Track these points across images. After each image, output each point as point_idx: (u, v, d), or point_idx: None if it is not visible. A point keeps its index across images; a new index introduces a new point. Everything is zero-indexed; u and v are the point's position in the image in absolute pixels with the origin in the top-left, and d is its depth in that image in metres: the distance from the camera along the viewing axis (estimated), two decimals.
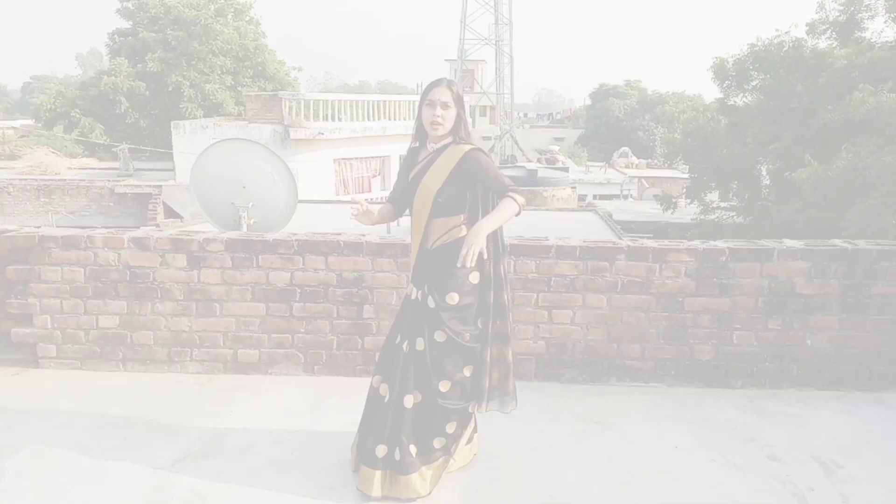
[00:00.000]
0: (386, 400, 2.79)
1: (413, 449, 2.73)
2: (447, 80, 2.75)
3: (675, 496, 2.82)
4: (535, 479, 2.93)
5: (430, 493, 2.75)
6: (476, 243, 2.56)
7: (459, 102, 2.73)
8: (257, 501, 2.74)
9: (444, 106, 2.68)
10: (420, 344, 2.74)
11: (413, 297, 2.83)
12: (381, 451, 2.73)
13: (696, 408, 3.65)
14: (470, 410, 2.85)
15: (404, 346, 2.78)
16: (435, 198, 2.72)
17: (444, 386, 2.73)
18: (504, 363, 2.85)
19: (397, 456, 2.71)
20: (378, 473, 2.73)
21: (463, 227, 2.75)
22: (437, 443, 2.78)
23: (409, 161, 2.90)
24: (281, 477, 2.91)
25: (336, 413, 3.51)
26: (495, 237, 2.76)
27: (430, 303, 2.73)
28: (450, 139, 2.76)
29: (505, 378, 2.87)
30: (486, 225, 2.61)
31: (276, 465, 3.00)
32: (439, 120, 2.68)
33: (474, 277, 2.73)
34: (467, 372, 2.78)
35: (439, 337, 2.71)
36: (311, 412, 3.54)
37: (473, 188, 2.75)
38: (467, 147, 2.71)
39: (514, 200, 2.65)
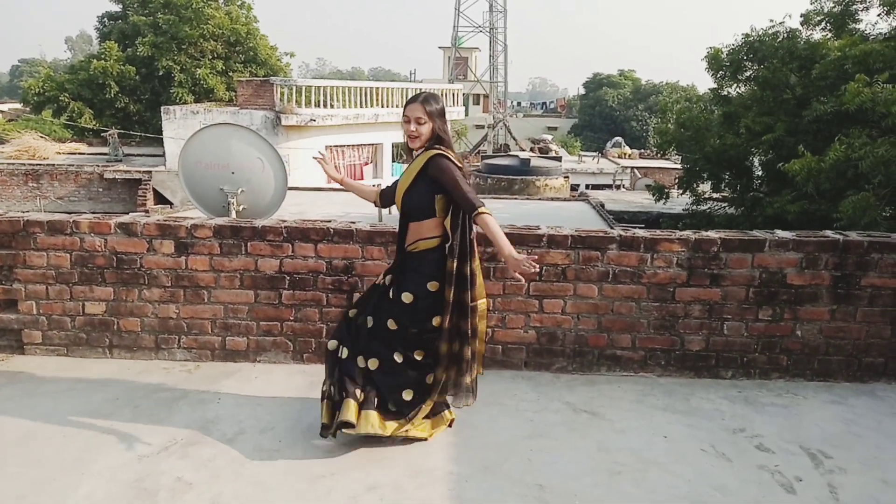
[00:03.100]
0: (344, 357, 2.99)
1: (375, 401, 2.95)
2: (424, 96, 2.91)
3: (665, 486, 2.82)
4: (524, 468, 2.92)
5: (375, 434, 2.91)
6: (519, 263, 2.66)
7: (436, 115, 2.87)
8: (244, 490, 2.72)
9: (419, 122, 2.85)
10: (370, 322, 2.98)
11: (379, 281, 3.10)
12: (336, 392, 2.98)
13: (686, 398, 3.65)
14: (428, 381, 3.00)
15: (358, 319, 3.03)
16: (402, 200, 2.95)
17: (398, 357, 2.96)
18: (460, 360, 2.96)
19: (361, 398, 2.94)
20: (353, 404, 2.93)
21: (426, 241, 2.91)
22: (392, 405, 2.98)
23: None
24: (269, 465, 2.89)
25: None
26: (463, 238, 2.90)
27: (391, 294, 2.97)
28: (424, 147, 2.93)
29: (461, 374, 2.98)
30: (507, 248, 2.72)
31: (263, 454, 2.98)
32: (414, 133, 2.87)
33: (432, 286, 2.91)
34: (418, 356, 2.98)
35: (391, 325, 2.95)
36: (299, 400, 3.51)
37: (443, 193, 2.87)
38: (433, 152, 2.86)
39: (489, 214, 2.77)
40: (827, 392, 3.77)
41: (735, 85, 10.90)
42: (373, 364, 2.96)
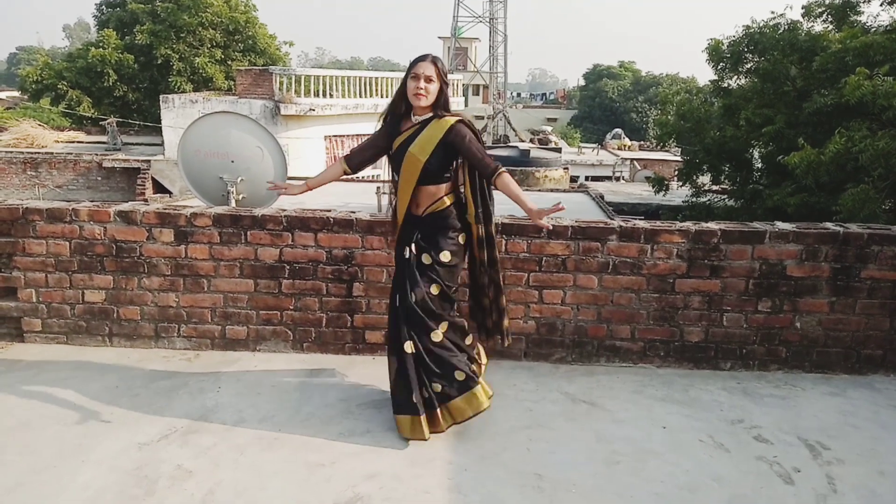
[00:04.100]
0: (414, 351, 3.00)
1: (437, 386, 3.00)
2: (432, 56, 2.95)
3: (663, 476, 2.83)
4: (523, 458, 2.93)
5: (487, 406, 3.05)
6: (541, 213, 2.82)
7: (443, 78, 2.92)
8: (244, 478, 2.72)
9: (428, 80, 2.87)
10: (412, 297, 2.94)
11: (406, 255, 3.02)
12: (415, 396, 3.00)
13: (684, 389, 3.66)
14: (468, 343, 3.15)
15: (396, 300, 3.01)
16: (423, 167, 2.92)
17: (443, 327, 3.00)
18: (500, 307, 3.17)
19: (425, 394, 3.00)
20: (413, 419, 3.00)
21: (446, 198, 3.01)
22: (459, 375, 3.00)
23: (389, 129, 3.05)
24: (268, 453, 2.90)
25: (324, 390, 3.49)
26: (484, 201, 3.01)
27: (426, 259, 2.98)
28: (431, 113, 2.95)
29: (501, 318, 3.19)
30: (529, 202, 2.84)
31: (263, 442, 2.98)
32: (422, 92, 2.86)
33: (462, 238, 3.05)
34: (457, 315, 3.10)
35: (434, 290, 2.97)
36: (299, 389, 3.52)
37: (458, 159, 3.01)
38: (453, 120, 2.92)
39: (506, 173, 2.89)
40: (825, 384, 3.78)
41: (735, 77, 10.90)
42: (415, 345, 2.97)
